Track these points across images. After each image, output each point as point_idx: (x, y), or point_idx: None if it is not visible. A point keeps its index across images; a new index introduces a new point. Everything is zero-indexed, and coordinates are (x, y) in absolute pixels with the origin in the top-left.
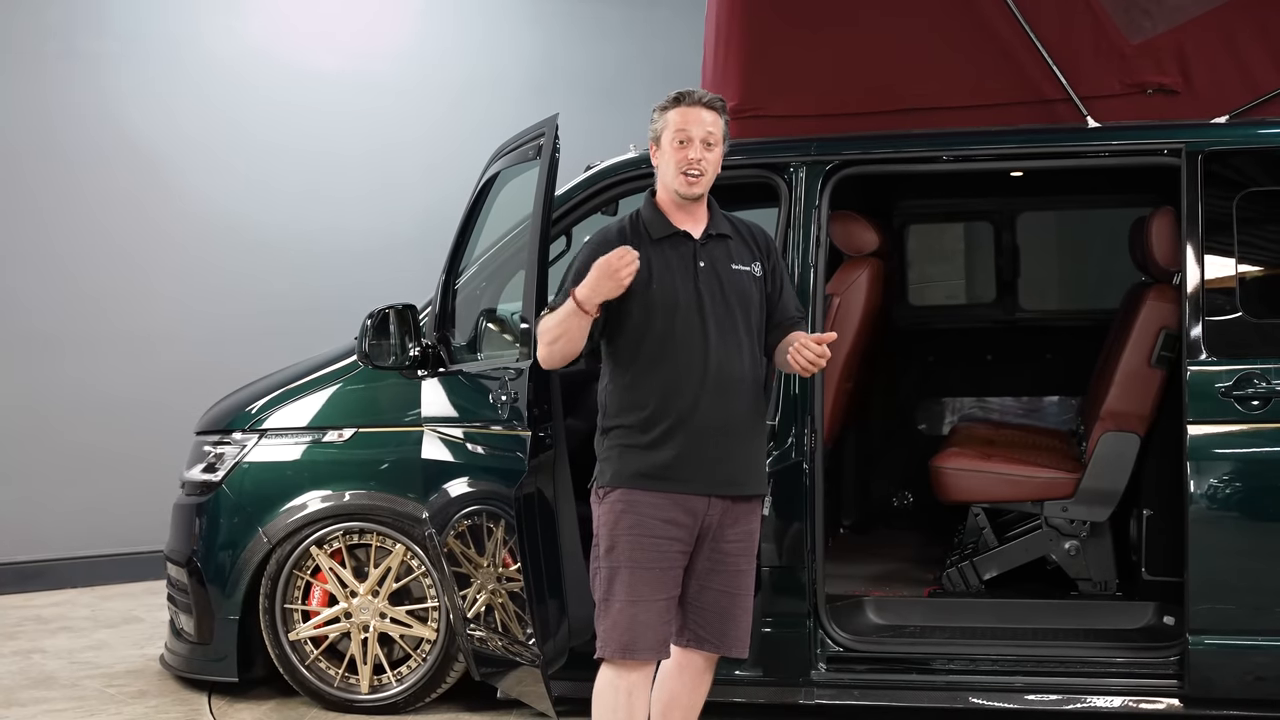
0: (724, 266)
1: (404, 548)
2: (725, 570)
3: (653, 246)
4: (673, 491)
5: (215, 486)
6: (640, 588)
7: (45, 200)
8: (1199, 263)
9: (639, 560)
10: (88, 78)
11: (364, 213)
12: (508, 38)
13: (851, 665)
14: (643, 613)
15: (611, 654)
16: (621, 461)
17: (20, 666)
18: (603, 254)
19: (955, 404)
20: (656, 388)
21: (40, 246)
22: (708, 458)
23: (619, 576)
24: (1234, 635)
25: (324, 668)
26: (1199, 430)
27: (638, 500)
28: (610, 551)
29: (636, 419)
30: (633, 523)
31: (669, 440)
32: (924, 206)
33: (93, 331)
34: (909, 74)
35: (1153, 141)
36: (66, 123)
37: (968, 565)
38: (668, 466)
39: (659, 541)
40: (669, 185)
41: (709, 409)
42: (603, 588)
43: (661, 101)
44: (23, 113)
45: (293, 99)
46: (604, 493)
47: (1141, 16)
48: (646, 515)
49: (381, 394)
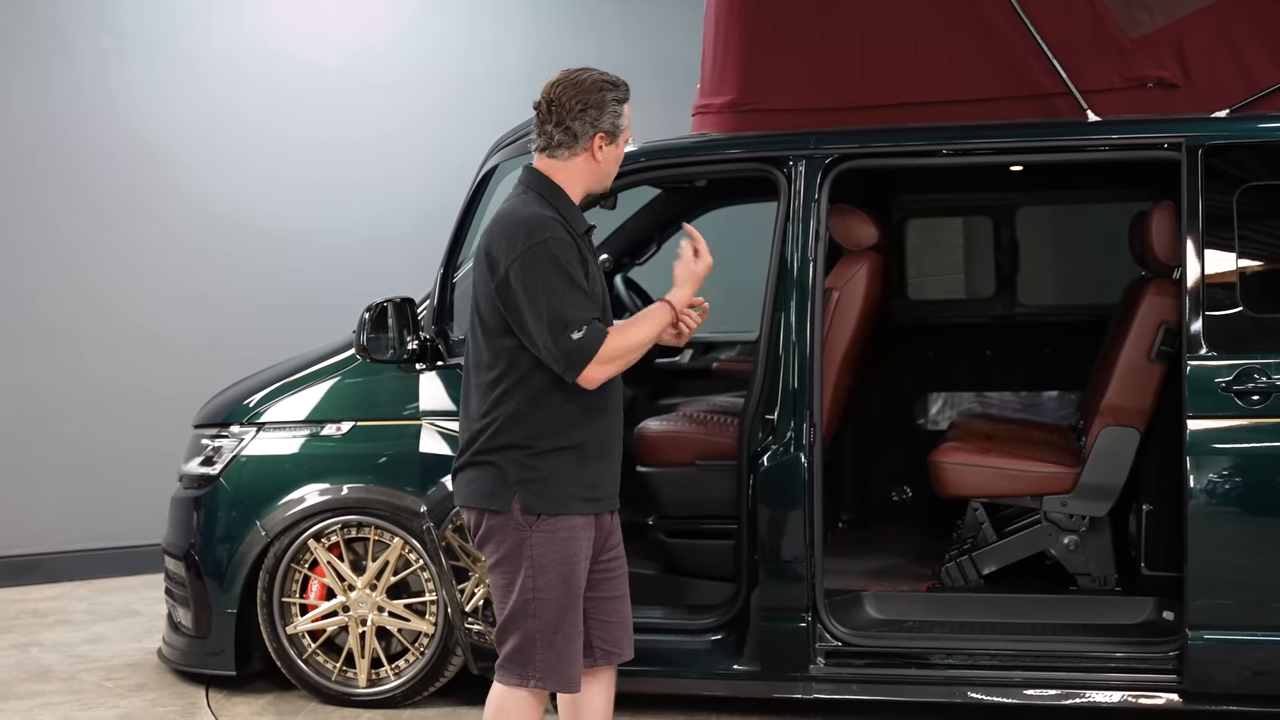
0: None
1: (402, 541)
2: (619, 574)
3: (580, 243)
4: (595, 512)
5: (213, 480)
6: (576, 621)
7: (46, 195)
8: (1199, 257)
9: (575, 591)
10: (87, 72)
11: (363, 206)
12: (507, 31)
13: (850, 660)
14: (577, 645)
15: (554, 686)
16: (565, 485)
17: (17, 660)
18: (574, 248)
19: (954, 399)
20: (595, 403)
21: (41, 241)
22: (616, 472)
23: (565, 608)
24: (1233, 630)
25: (322, 661)
26: (1198, 425)
27: (575, 526)
28: (559, 583)
29: (570, 438)
30: (575, 550)
31: (595, 458)
32: (923, 201)
33: (92, 326)
34: (908, 68)
35: (1152, 136)
36: (66, 117)
37: (967, 560)
38: (596, 486)
39: (585, 565)
40: (600, 184)
41: (614, 421)
42: (549, 620)
43: (618, 91)
44: (22, 107)
45: (293, 92)
46: (535, 519)
47: (1141, 11)
48: (584, 541)
49: (380, 387)
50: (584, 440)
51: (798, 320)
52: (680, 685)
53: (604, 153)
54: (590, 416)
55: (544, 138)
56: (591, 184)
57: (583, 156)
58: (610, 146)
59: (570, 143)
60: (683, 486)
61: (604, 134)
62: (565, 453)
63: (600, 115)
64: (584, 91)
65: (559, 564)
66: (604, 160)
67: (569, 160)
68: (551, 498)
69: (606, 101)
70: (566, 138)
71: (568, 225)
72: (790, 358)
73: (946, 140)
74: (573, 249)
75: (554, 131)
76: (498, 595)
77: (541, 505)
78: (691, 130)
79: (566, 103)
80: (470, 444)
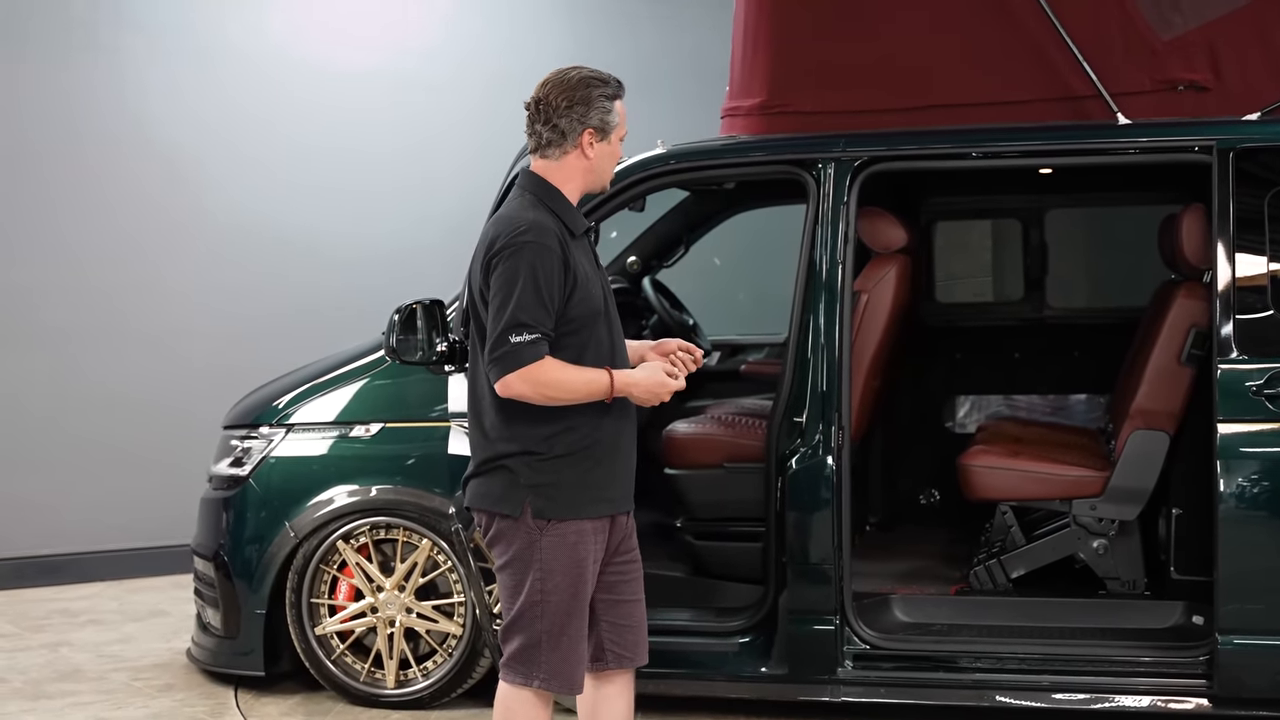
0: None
1: (430, 543)
2: (634, 577)
3: (575, 245)
4: (607, 514)
5: (242, 481)
6: (582, 623)
7: (67, 198)
8: (1229, 260)
9: (582, 594)
10: (110, 71)
11: (392, 209)
12: (536, 32)
13: (878, 663)
14: (582, 647)
15: (559, 689)
16: (570, 490)
17: (48, 659)
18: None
19: (983, 401)
20: (591, 405)
21: (62, 244)
22: (628, 473)
23: (572, 610)
24: (1264, 635)
25: (350, 662)
26: (1229, 429)
27: (585, 530)
28: (567, 586)
29: (577, 442)
30: (584, 554)
31: (606, 461)
32: (952, 203)
33: (119, 327)
34: (937, 70)
35: (1183, 138)
36: (88, 117)
37: (995, 563)
38: (607, 488)
39: (594, 568)
40: (598, 183)
41: (626, 422)
42: (556, 621)
43: (607, 87)
44: (45, 105)
45: (318, 96)
46: (547, 523)
47: (1172, 12)
48: (593, 544)
49: (408, 389)
50: (593, 443)
51: (826, 323)
52: (708, 688)
53: (595, 149)
54: (599, 419)
55: (534, 138)
56: (588, 183)
57: (574, 154)
58: (602, 143)
59: (560, 141)
60: (711, 489)
61: (592, 130)
62: (575, 457)
63: (588, 111)
64: (570, 89)
65: (567, 567)
66: (596, 157)
67: (561, 160)
68: (562, 502)
69: (593, 98)
70: (555, 136)
71: (563, 227)
72: (819, 360)
73: (975, 143)
74: (554, 255)
75: (543, 130)
76: (505, 596)
77: (552, 510)
78: (720, 132)
79: (554, 101)
80: (481, 449)
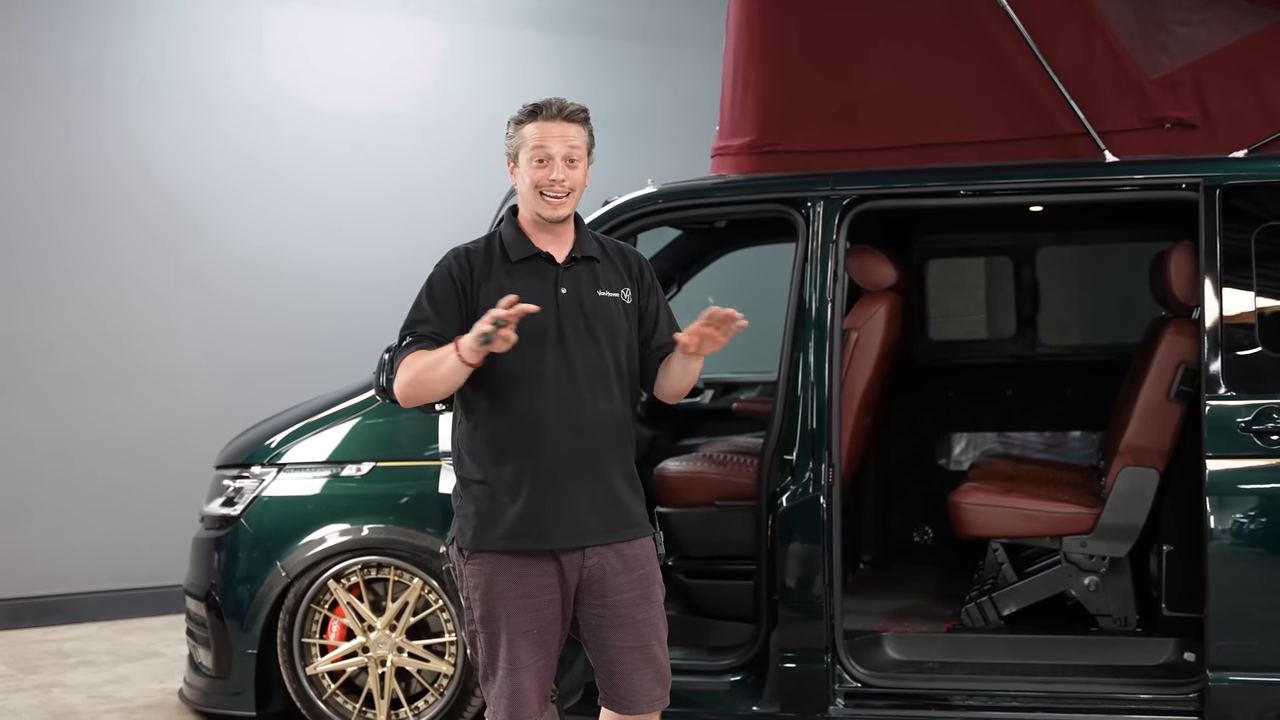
0: (589, 293)
1: (421, 582)
2: (620, 624)
3: (511, 270)
4: (540, 548)
5: (234, 520)
6: (519, 655)
7: (72, 240)
8: (1218, 297)
9: (516, 625)
10: (113, 117)
11: (387, 250)
12: (530, 75)
13: (870, 701)
14: (524, 679)
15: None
16: (485, 519)
17: (41, 700)
18: (456, 274)
19: (976, 439)
20: (519, 434)
21: (66, 285)
22: (576, 507)
23: (499, 643)
24: (1255, 672)
25: (341, 702)
26: (1218, 465)
27: (507, 562)
28: (486, 618)
29: (497, 471)
30: (505, 586)
31: (534, 492)
32: (945, 241)
33: (116, 369)
34: (926, 109)
35: (1171, 176)
36: (92, 162)
37: (987, 601)
38: (534, 521)
39: (534, 602)
40: (530, 207)
41: (574, 454)
42: (485, 655)
43: (515, 114)
44: (49, 152)
45: (316, 138)
46: (467, 554)
47: (1159, 51)
48: (518, 576)
49: (400, 428)
50: (505, 472)
51: (816, 361)
52: None
53: (515, 176)
54: (511, 445)
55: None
56: (528, 208)
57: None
58: (518, 169)
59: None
60: (702, 527)
61: (510, 159)
62: (485, 486)
63: (508, 141)
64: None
65: (483, 599)
66: (517, 183)
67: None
68: (469, 533)
69: (508, 130)
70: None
71: (500, 251)
72: (809, 398)
73: (964, 181)
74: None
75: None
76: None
77: (463, 540)
78: (710, 171)
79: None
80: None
